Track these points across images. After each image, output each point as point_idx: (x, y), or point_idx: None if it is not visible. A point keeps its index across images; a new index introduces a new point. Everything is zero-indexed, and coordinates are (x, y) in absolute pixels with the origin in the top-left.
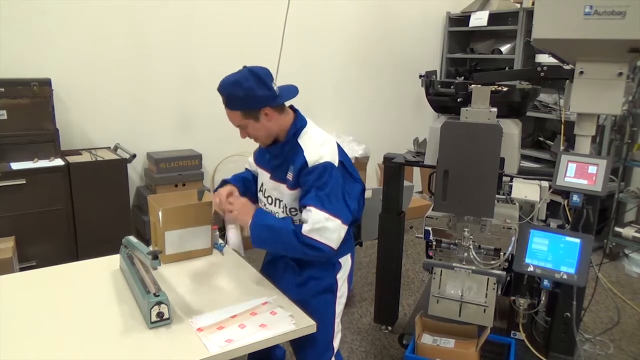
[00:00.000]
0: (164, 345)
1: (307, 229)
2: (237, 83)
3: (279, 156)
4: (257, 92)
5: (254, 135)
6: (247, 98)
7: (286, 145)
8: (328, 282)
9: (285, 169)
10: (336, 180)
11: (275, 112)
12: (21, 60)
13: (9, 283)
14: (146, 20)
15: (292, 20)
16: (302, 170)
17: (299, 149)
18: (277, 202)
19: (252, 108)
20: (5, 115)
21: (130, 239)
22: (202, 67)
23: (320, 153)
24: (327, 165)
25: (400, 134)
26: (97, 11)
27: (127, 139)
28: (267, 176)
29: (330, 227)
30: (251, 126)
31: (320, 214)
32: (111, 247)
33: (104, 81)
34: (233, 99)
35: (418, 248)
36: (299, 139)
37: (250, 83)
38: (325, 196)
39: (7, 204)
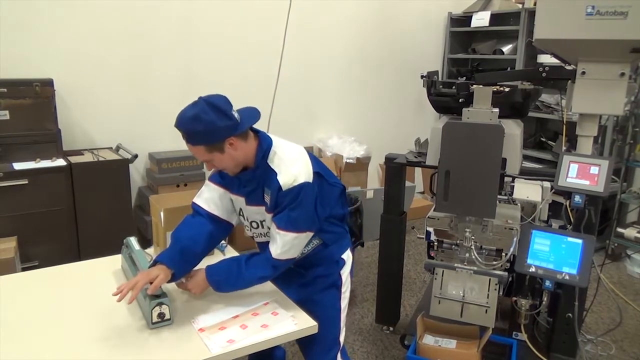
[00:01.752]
0: (165, 346)
1: (277, 252)
2: (196, 118)
3: (252, 181)
4: (218, 124)
5: (222, 167)
6: (209, 132)
7: (257, 170)
8: (333, 279)
9: (261, 193)
10: (309, 197)
11: (239, 140)
12: (23, 60)
13: (11, 283)
14: (147, 21)
15: (293, 20)
16: (277, 193)
17: (272, 172)
18: (263, 224)
19: (215, 141)
20: (8, 116)
21: (131, 241)
22: (203, 68)
23: (293, 174)
24: (302, 186)
25: (402, 134)
26: (99, 12)
27: (129, 139)
28: (242, 201)
29: (297, 243)
30: (217, 159)
31: (289, 235)
32: (113, 247)
33: (106, 81)
34: (194, 134)
35: (420, 248)
36: (270, 162)
37: (209, 116)
38: (295, 217)
39: (9, 204)
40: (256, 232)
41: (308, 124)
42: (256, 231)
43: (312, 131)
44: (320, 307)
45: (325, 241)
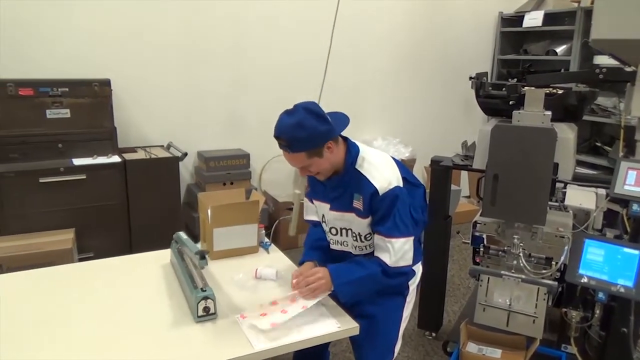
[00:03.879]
0: (210, 339)
1: (393, 260)
2: (299, 125)
3: (339, 187)
4: (320, 129)
5: (317, 171)
6: (312, 137)
7: (346, 176)
8: (400, 287)
9: (349, 199)
10: (405, 202)
11: (334, 143)
12: (84, 61)
13: (68, 272)
14: (200, 25)
15: (341, 21)
16: (373, 198)
17: (362, 177)
18: (344, 232)
19: (317, 146)
20: (69, 114)
21: (181, 236)
22: (252, 69)
23: (387, 179)
24: (396, 192)
25: (448, 137)
26: (154, 15)
27: (180, 138)
28: (326, 207)
29: (407, 248)
30: (315, 164)
31: (399, 241)
32: (162, 242)
33: (159, 82)
34: (297, 141)
35: (464, 254)
36: (359, 167)
37: (311, 122)
38: (400, 223)
39: (68, 197)
40: (333, 239)
41: (353, 124)
42: (334, 238)
43: (357, 132)
44: (381, 312)
45: None
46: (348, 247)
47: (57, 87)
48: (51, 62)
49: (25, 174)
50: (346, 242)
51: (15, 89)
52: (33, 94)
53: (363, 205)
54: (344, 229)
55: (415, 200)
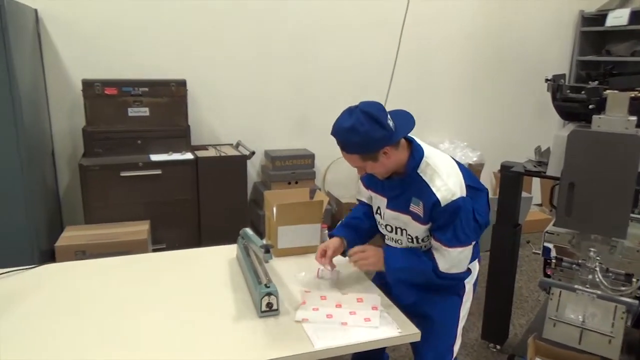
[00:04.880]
0: (272, 335)
1: (445, 267)
2: (352, 129)
3: (398, 188)
4: (374, 135)
5: (373, 172)
6: (365, 143)
7: (407, 178)
8: (455, 287)
9: (406, 201)
10: (469, 211)
11: (393, 149)
12: (162, 62)
13: (143, 261)
14: (269, 26)
15: (410, 19)
16: (434, 208)
17: (424, 184)
18: (399, 231)
19: (370, 151)
20: (148, 112)
21: (247, 231)
22: (319, 69)
23: (451, 189)
24: (459, 203)
25: (520, 141)
26: (225, 18)
27: (248, 137)
28: (383, 202)
29: (463, 257)
30: (370, 166)
31: (455, 251)
32: (229, 237)
33: (230, 83)
34: (350, 144)
35: (534, 265)
36: (421, 173)
37: (365, 127)
38: (461, 233)
39: (145, 191)
40: (388, 236)
41: (419, 126)
42: (389, 235)
43: (423, 134)
44: (437, 311)
45: None
46: (403, 245)
47: (138, 87)
48: (132, 63)
49: (108, 168)
50: (400, 241)
51: (101, 88)
52: (117, 93)
53: (423, 211)
54: (399, 228)
55: (479, 204)
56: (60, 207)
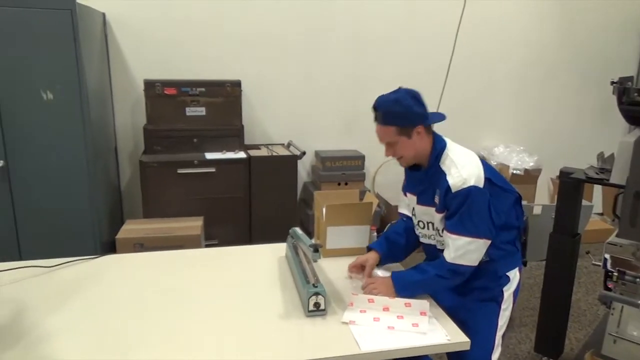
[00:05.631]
0: (318, 335)
1: (451, 256)
2: (397, 100)
3: (424, 181)
4: (414, 110)
5: (401, 154)
6: (405, 114)
7: (429, 170)
8: (493, 293)
9: (431, 193)
10: (480, 202)
11: (425, 132)
12: (218, 63)
13: (196, 256)
14: (321, 28)
15: (467, 21)
16: (446, 194)
17: (442, 173)
18: (429, 225)
19: (408, 125)
20: (204, 112)
21: (297, 231)
22: (371, 71)
23: (463, 177)
24: (470, 190)
25: (581, 147)
26: (279, 21)
27: (299, 137)
28: (414, 200)
29: (472, 248)
30: (402, 143)
31: (461, 239)
32: (279, 235)
33: (283, 84)
34: (391, 114)
35: (593, 277)
36: (441, 164)
37: (408, 101)
38: (468, 220)
39: (200, 188)
40: (422, 232)
41: (474, 130)
42: (422, 231)
43: (478, 138)
44: (475, 318)
45: (491, 257)
46: (434, 241)
47: (196, 87)
48: (191, 64)
49: (166, 165)
50: (432, 236)
51: (161, 88)
52: (176, 93)
53: (439, 200)
54: (429, 222)
55: (502, 204)
56: (122, 201)
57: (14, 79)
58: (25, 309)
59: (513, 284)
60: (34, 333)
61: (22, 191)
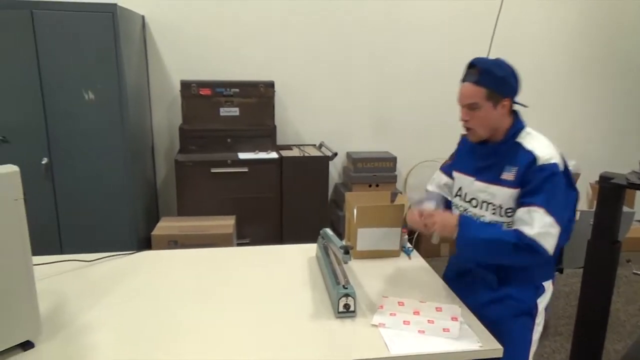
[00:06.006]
0: (347, 336)
1: (534, 232)
2: (499, 64)
3: (491, 156)
4: (511, 80)
5: (478, 123)
6: (502, 80)
7: (503, 145)
8: (527, 305)
9: (498, 170)
10: (561, 185)
11: (509, 106)
12: (252, 65)
13: (227, 254)
14: (354, 29)
15: (504, 19)
16: (529, 167)
17: (521, 147)
18: (484, 205)
19: (499, 92)
20: (238, 112)
21: (327, 232)
22: (404, 72)
23: (550, 153)
24: (556, 167)
25: (622, 151)
26: (311, 22)
27: (331, 138)
28: (468, 180)
29: (553, 233)
30: (485, 111)
31: (547, 218)
32: (309, 235)
33: (315, 84)
34: (489, 74)
35: (635, 287)
36: (520, 139)
37: (510, 69)
38: (553, 200)
39: (232, 187)
40: (471, 212)
41: None
42: (472, 210)
43: None
44: (508, 334)
45: None
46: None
47: (230, 88)
48: (225, 65)
49: (200, 164)
50: (484, 217)
51: (197, 88)
52: (210, 93)
53: (516, 175)
54: (485, 202)
55: (569, 200)
56: (157, 199)
57: (58, 79)
58: (66, 301)
59: (547, 295)
60: (73, 325)
61: (64, 187)
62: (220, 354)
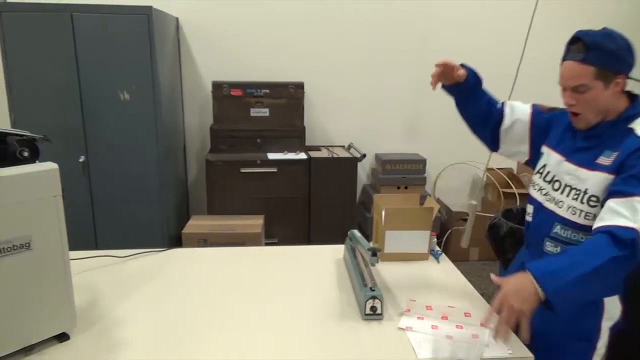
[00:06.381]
0: (374, 339)
1: (638, 225)
2: (610, 36)
3: (594, 138)
4: (624, 54)
5: (587, 108)
6: (614, 55)
7: (610, 129)
8: (588, 327)
9: (594, 155)
10: None
11: (622, 85)
12: (281, 66)
13: (256, 253)
14: (384, 31)
15: (539, 17)
16: (634, 153)
17: (632, 134)
18: (566, 189)
19: (611, 68)
20: (268, 113)
21: (355, 233)
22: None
23: None
24: None
25: None
26: (340, 23)
27: (360, 139)
28: (557, 159)
29: None
30: (594, 92)
31: None
32: (337, 237)
33: (344, 85)
34: (598, 49)
35: None
36: (634, 125)
37: (624, 42)
38: None
39: (261, 187)
40: (550, 196)
41: None
42: (552, 193)
43: None
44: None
45: None
46: (561, 209)
47: (260, 89)
48: (256, 66)
49: (230, 164)
50: (561, 203)
51: (228, 89)
52: (241, 94)
53: (614, 160)
54: (568, 186)
55: None
56: (188, 197)
57: (96, 80)
58: (99, 295)
59: (613, 315)
60: (106, 318)
61: (100, 185)
62: (245, 352)
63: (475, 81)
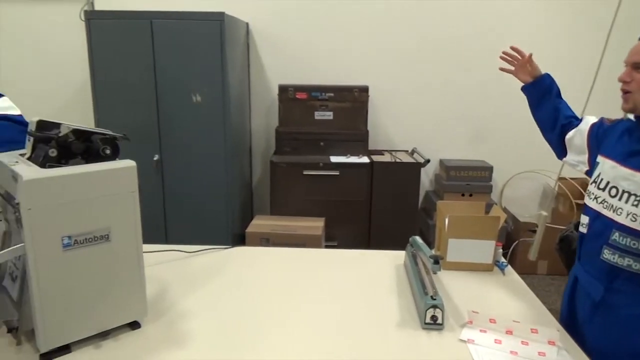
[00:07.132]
0: (434, 349)
1: None
2: None
3: None
4: None
5: (638, 87)
6: None
7: None
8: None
9: None
10: None
11: None
12: (346, 69)
13: (316, 256)
14: (450, 37)
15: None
16: None
17: None
18: (624, 195)
19: None
20: (332, 116)
21: (417, 240)
22: (501, 78)
23: None
24: None
25: None
26: (406, 27)
27: (424, 144)
28: (610, 164)
29: None
30: None
31: None
32: (397, 242)
33: (409, 90)
34: None
35: None
36: None
37: None
38: None
39: (323, 190)
40: (607, 202)
41: None
42: (609, 200)
43: None
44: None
45: None
46: (620, 216)
47: (325, 92)
48: (321, 70)
49: (293, 166)
50: (620, 210)
51: (293, 93)
52: (306, 97)
53: None
54: (626, 192)
55: None
56: (252, 197)
57: (171, 83)
58: (167, 287)
59: None
60: (173, 310)
61: (171, 182)
62: (301, 353)
63: (550, 82)
